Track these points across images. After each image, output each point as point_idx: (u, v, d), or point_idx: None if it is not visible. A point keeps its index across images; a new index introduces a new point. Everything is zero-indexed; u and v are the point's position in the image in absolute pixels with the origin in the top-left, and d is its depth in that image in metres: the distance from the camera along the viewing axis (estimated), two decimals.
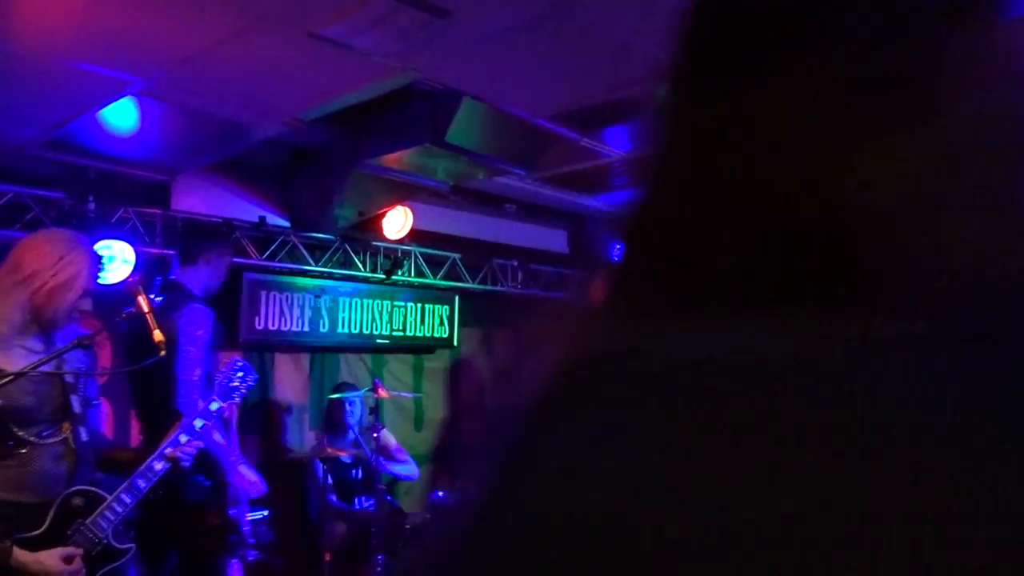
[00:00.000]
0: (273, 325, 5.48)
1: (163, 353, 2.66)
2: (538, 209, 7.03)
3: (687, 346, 0.37)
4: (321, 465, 4.95)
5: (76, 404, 2.63)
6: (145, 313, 2.67)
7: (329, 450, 4.77)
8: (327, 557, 4.56)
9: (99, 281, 3.52)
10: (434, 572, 0.43)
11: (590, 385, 0.39)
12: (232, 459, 3.63)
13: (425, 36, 2.84)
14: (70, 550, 2.46)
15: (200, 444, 2.82)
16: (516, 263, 7.02)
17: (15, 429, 2.48)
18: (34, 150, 3.93)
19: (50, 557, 2.41)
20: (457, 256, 6.56)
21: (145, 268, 4.39)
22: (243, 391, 3.08)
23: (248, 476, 3.71)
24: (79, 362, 2.69)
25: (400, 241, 5.93)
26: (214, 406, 2.92)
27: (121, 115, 3.71)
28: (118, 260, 4.36)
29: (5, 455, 2.48)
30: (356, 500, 5.16)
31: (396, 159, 4.72)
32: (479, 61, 3.18)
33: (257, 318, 5.36)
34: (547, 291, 7.29)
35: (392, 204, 5.64)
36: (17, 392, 2.48)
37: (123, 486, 2.61)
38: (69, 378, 2.62)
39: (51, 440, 2.55)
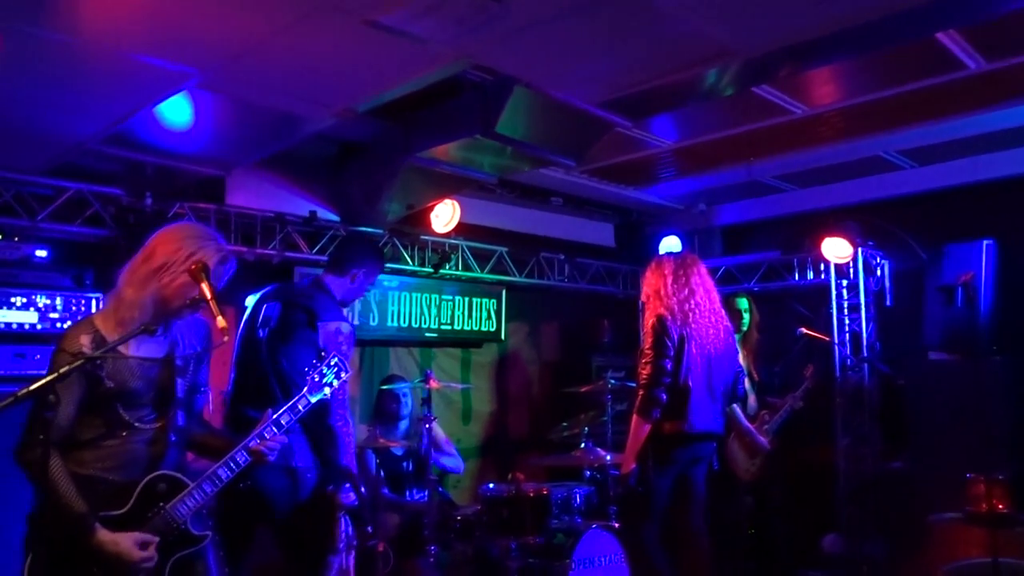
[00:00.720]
0: None
1: (227, 339, 2.67)
2: (584, 203, 7.01)
3: None
4: (373, 456, 4.98)
5: (181, 389, 2.67)
6: (208, 299, 2.67)
7: (381, 441, 4.80)
8: (380, 547, 4.59)
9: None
10: None
11: None
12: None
13: (480, 21, 2.85)
14: (146, 536, 2.47)
15: (285, 440, 2.78)
16: (563, 256, 7.00)
17: (122, 412, 2.55)
18: (95, 145, 4.01)
19: (126, 540, 2.43)
20: (504, 250, 6.56)
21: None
22: (335, 387, 2.97)
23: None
24: (191, 347, 2.73)
25: (448, 235, 5.95)
26: (302, 403, 2.85)
27: (178, 110, 3.78)
28: None
29: (108, 435, 2.53)
30: (408, 492, 5.19)
31: (444, 152, 4.75)
32: (533, 46, 3.18)
33: None
34: (593, 285, 7.26)
35: (440, 197, 5.66)
36: (128, 376, 2.54)
37: (205, 474, 2.61)
38: (179, 362, 2.66)
39: (151, 425, 2.61)
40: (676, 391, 4.16)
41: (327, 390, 2.95)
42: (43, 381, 2.30)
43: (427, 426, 4.72)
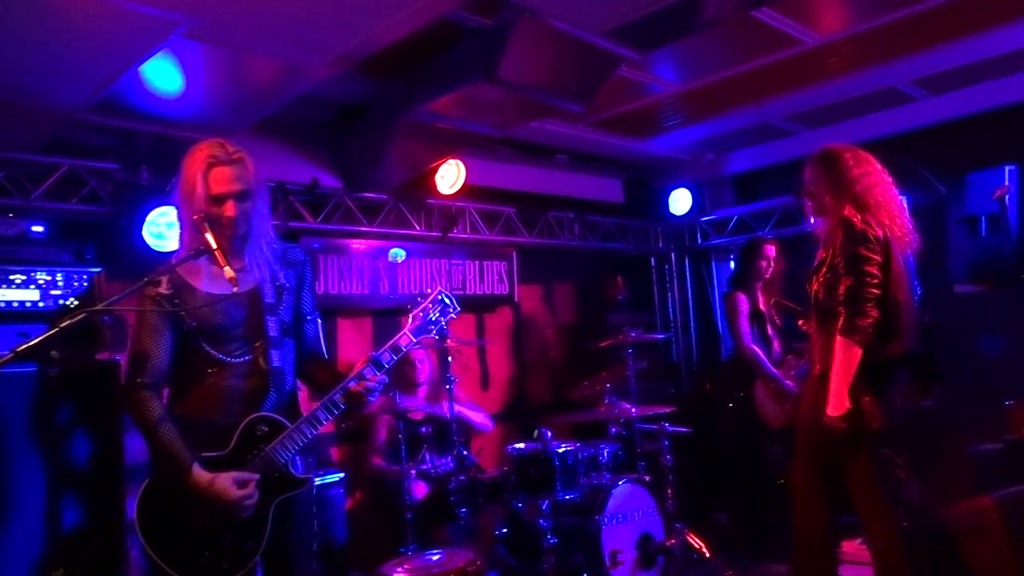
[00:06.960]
0: (333, 289, 5.41)
1: (235, 289, 2.54)
2: (590, 158, 6.84)
3: None
4: (393, 422, 4.85)
5: (272, 327, 2.57)
6: (213, 249, 2.55)
7: (399, 407, 4.68)
8: (408, 515, 4.48)
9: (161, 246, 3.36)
10: None
11: None
12: None
13: None
14: (244, 474, 2.44)
15: (385, 379, 2.64)
16: (572, 215, 6.85)
17: (208, 349, 2.51)
18: (85, 115, 3.87)
19: (223, 479, 2.40)
20: (512, 211, 6.41)
21: None
22: (441, 325, 2.78)
23: None
24: (285, 280, 2.67)
25: (453, 197, 5.80)
26: (404, 340, 2.68)
27: (166, 70, 3.62)
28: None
29: (197, 373, 2.52)
30: (428, 457, 5.05)
31: (445, 105, 4.58)
32: None
33: (317, 282, 5.29)
34: (605, 242, 7.10)
35: (443, 158, 5.51)
36: (208, 312, 2.52)
37: (304, 417, 2.56)
38: (269, 299, 2.59)
39: (241, 360, 2.54)
40: (886, 306, 3.35)
41: (433, 331, 2.78)
42: (43, 336, 2.23)
43: (446, 387, 4.60)
